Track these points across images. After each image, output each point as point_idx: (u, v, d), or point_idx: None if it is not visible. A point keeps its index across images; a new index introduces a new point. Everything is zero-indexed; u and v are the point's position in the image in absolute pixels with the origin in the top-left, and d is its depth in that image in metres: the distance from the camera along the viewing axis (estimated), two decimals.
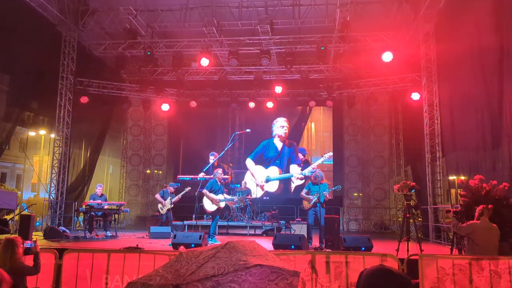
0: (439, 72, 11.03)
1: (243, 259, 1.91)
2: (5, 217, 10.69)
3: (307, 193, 9.00)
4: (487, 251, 5.55)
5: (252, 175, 13.08)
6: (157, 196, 11.29)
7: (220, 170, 9.87)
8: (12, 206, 10.65)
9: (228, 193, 10.52)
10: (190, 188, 10.97)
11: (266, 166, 13.05)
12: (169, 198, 10.97)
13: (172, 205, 10.99)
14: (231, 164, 16.31)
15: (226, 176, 13.45)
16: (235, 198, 10.42)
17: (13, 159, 23.63)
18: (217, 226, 10.03)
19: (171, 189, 11.09)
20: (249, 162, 13.33)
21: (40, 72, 12.31)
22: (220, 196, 9.55)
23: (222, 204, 9.58)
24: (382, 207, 15.02)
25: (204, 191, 9.65)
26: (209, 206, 9.74)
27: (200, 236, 7.68)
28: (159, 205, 11.12)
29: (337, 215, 9.05)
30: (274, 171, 12.98)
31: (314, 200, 8.73)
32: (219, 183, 9.68)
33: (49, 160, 15.93)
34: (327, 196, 8.89)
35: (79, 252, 5.28)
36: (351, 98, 14.26)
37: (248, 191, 12.97)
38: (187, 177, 13.87)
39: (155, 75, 14.56)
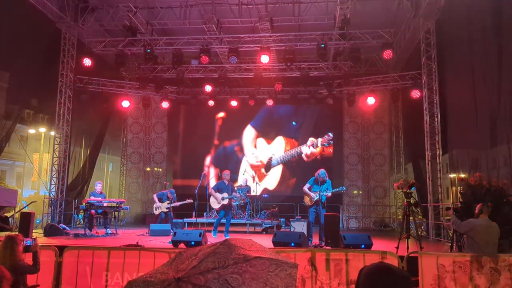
0: (440, 70, 11.02)
1: (242, 252, 1.93)
2: (6, 214, 10.69)
3: (309, 189, 8.91)
4: (486, 248, 5.54)
5: None
6: (155, 197, 11.26)
7: (228, 172, 10.56)
8: (12, 203, 10.65)
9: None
10: (191, 200, 11.08)
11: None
12: (167, 202, 10.96)
13: (167, 210, 10.97)
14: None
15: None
16: (237, 195, 10.86)
17: (13, 156, 23.64)
18: (220, 223, 10.30)
19: (170, 195, 11.10)
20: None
21: (40, 69, 12.29)
22: (224, 194, 10.08)
23: (225, 202, 10.05)
24: (382, 204, 15.03)
25: (211, 190, 10.31)
26: (214, 204, 10.38)
27: (200, 233, 7.68)
28: (154, 205, 11.13)
29: (337, 213, 8.98)
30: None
31: (315, 198, 8.66)
32: (226, 182, 10.26)
33: (49, 157, 15.93)
34: (328, 195, 8.79)
35: (79, 249, 5.29)
36: (351, 95, 14.24)
37: (247, 189, 13.00)
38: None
39: (154, 73, 14.54)
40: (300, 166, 15.34)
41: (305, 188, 8.97)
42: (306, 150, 15.24)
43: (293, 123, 15.92)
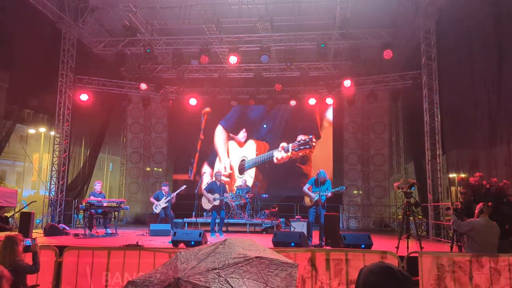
0: (440, 70, 11.01)
1: (242, 252, 1.93)
2: (6, 214, 10.70)
3: (309, 189, 8.91)
4: (486, 248, 5.54)
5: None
6: (151, 199, 11.25)
7: (220, 172, 10.90)
8: (12, 203, 10.65)
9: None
10: (185, 186, 11.17)
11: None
12: (164, 198, 10.96)
13: (166, 204, 10.97)
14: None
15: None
16: (229, 196, 11.02)
17: (13, 156, 23.63)
18: (216, 222, 10.39)
19: (165, 189, 11.10)
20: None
21: (40, 69, 12.29)
22: (216, 195, 10.19)
23: (216, 202, 10.17)
24: (382, 204, 15.03)
25: (203, 191, 10.52)
26: (206, 205, 10.62)
27: (200, 233, 7.68)
28: (154, 206, 11.13)
29: (337, 213, 8.98)
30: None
31: (315, 198, 8.66)
32: (218, 183, 10.40)
33: (49, 157, 15.94)
34: (328, 195, 8.78)
35: (79, 249, 5.29)
36: (351, 95, 14.23)
37: (248, 189, 13.00)
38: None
39: (154, 73, 14.54)
40: (272, 169, 15.54)
41: (305, 188, 8.98)
42: (277, 154, 15.50)
43: (264, 125, 16.04)
